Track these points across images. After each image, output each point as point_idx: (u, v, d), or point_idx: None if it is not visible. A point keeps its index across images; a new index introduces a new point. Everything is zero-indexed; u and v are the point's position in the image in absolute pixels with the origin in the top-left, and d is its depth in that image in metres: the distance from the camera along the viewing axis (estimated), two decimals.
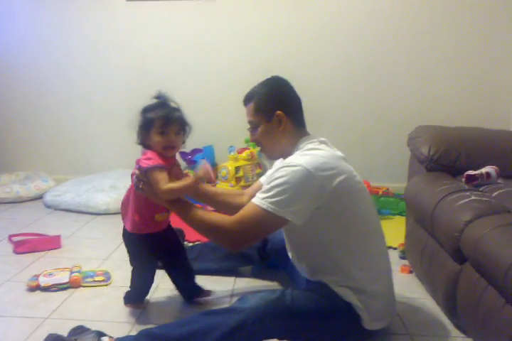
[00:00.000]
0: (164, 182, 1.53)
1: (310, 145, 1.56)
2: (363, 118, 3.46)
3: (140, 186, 1.60)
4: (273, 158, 1.73)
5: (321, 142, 1.59)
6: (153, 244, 1.72)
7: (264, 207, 1.44)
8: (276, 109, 1.61)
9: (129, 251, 1.77)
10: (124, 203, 1.74)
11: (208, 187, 1.95)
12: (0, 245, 2.44)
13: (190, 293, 1.87)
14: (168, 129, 1.61)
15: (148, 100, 1.66)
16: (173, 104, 1.67)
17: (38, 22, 3.51)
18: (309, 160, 1.47)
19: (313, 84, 3.32)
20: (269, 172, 1.88)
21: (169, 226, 1.80)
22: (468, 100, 3.36)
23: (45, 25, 3.51)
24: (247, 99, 1.68)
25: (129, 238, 1.75)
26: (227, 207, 1.86)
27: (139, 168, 1.60)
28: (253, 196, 1.57)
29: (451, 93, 3.36)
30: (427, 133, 2.23)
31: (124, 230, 1.75)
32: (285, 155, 1.63)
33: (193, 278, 1.87)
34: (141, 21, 3.46)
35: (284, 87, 1.66)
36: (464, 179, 1.95)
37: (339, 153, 1.60)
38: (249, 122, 1.68)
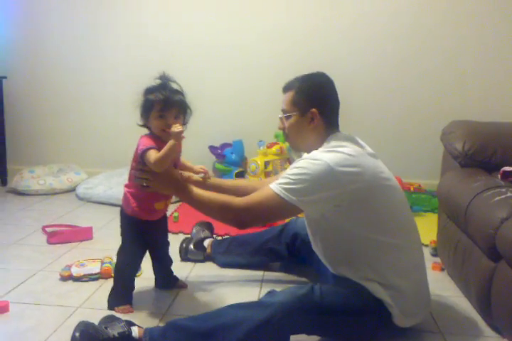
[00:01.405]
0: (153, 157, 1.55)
1: (334, 143, 1.54)
2: (395, 114, 3.41)
3: (144, 184, 1.62)
4: (296, 150, 1.73)
5: (347, 139, 1.57)
6: (148, 231, 1.74)
7: (278, 191, 1.46)
8: (312, 107, 1.58)
9: (123, 232, 1.77)
10: (125, 191, 1.74)
11: (229, 181, 1.97)
12: (34, 235, 2.50)
13: (163, 281, 1.91)
14: (167, 113, 1.60)
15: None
16: (175, 86, 1.65)
17: (71, 20, 3.57)
18: (331, 156, 1.47)
19: (346, 80, 3.21)
20: None
21: (164, 215, 1.82)
22: (503, 95, 3.28)
23: (77, 23, 3.57)
24: (287, 88, 1.65)
25: (127, 220, 1.74)
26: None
27: (137, 165, 1.62)
28: None
29: (486, 87, 3.29)
30: (461, 129, 2.18)
31: (123, 213, 1.75)
32: (309, 151, 1.62)
33: (169, 269, 1.90)
34: (171, 17, 3.48)
35: (326, 86, 1.64)
36: (500, 175, 1.90)
37: (367, 150, 1.58)
38: (283, 110, 1.66)
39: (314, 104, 1.59)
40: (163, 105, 1.59)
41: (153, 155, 1.56)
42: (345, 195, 1.45)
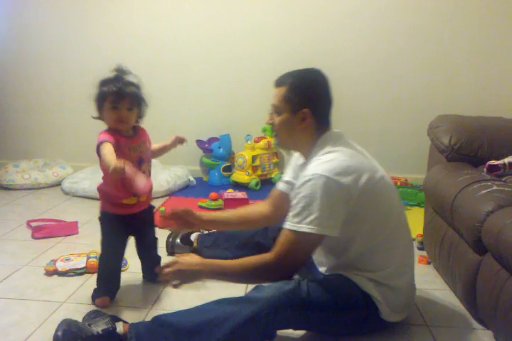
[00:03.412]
0: (109, 155, 1.51)
1: (327, 148, 1.50)
2: (382, 108, 3.42)
3: (174, 283, 1.52)
4: (285, 148, 1.67)
5: (338, 139, 1.54)
6: (123, 225, 1.72)
7: (302, 230, 1.40)
8: (305, 106, 1.51)
9: (100, 224, 1.76)
10: (98, 186, 1.75)
11: (228, 213, 1.94)
12: (18, 230, 2.47)
13: (151, 275, 1.88)
14: (119, 104, 1.61)
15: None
16: (131, 78, 1.65)
17: (58, 15, 3.52)
18: (330, 167, 1.41)
19: (331, 73, 3.26)
20: (285, 176, 1.81)
21: (149, 208, 1.80)
22: (490, 89, 3.29)
23: (64, 18, 3.52)
24: (280, 83, 1.56)
25: (102, 213, 1.74)
26: (250, 224, 1.87)
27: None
28: (276, 206, 1.66)
29: (472, 82, 3.30)
30: (448, 123, 2.19)
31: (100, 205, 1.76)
32: (300, 150, 1.61)
33: (156, 263, 1.88)
34: (159, 12, 3.44)
35: (322, 85, 1.57)
36: (485, 169, 1.91)
37: (357, 149, 1.55)
38: (273, 106, 1.59)
39: (307, 103, 1.52)
40: (116, 96, 1.60)
41: (104, 149, 1.54)
42: (353, 202, 1.42)
